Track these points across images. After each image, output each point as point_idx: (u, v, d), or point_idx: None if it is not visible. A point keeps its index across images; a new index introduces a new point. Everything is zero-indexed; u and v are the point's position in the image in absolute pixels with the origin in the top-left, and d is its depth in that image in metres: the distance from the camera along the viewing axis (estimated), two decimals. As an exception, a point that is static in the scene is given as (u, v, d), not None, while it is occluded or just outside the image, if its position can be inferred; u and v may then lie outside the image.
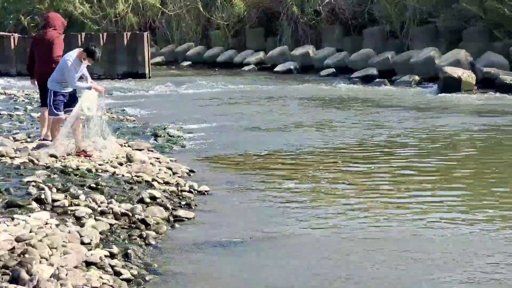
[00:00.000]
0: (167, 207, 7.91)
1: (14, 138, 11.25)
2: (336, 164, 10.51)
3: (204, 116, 16.08)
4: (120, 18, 37.49)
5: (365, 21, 28.88)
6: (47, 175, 8.46)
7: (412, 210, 7.90)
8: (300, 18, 30.40)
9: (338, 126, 14.19)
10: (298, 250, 6.60)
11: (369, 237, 6.93)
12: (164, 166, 9.92)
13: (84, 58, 9.79)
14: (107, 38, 27.79)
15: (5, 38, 29.60)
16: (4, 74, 28.57)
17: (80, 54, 9.80)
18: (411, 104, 17.85)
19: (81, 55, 9.79)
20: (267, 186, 9.17)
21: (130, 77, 26.77)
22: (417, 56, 23.74)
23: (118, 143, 11.22)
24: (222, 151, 11.72)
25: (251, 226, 7.39)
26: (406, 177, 9.56)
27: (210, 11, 34.58)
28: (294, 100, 19.13)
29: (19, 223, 6.27)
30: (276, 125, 14.42)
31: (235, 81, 24.93)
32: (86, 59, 9.81)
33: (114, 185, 8.51)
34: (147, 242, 6.76)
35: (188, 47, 35.20)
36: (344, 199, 8.42)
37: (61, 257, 5.69)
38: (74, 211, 7.11)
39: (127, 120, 15.24)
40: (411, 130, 13.46)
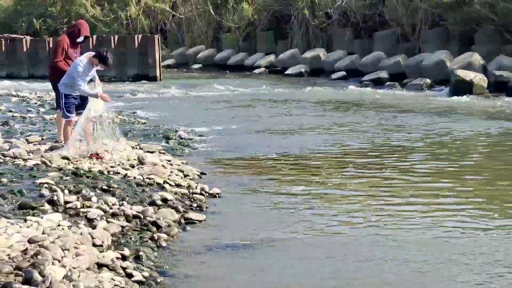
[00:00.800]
0: (179, 210, 7.93)
1: (27, 140, 11.30)
2: (347, 167, 10.50)
3: (215, 118, 16.10)
4: (131, 20, 37.58)
5: (376, 24, 28.85)
6: (60, 177, 8.51)
7: (423, 214, 7.88)
8: (311, 21, 30.39)
9: (349, 129, 14.18)
10: (308, 253, 6.60)
11: (379, 241, 6.92)
12: (175, 168, 9.94)
13: (96, 63, 9.81)
14: (118, 40, 27.88)
15: (17, 41, 29.74)
16: (16, 77, 28.69)
17: (91, 59, 9.80)
18: (422, 107, 17.82)
19: (93, 60, 9.79)
20: (278, 189, 9.18)
21: (141, 79, 26.82)
22: (428, 59, 23.69)
23: (130, 145, 11.25)
24: (233, 153, 11.74)
25: (261, 228, 7.40)
26: (417, 181, 9.53)
27: (220, 14, 34.63)
28: (304, 103, 19.13)
29: (32, 225, 6.31)
30: (287, 128, 14.42)
31: (245, 84, 24.94)
32: (98, 65, 9.82)
33: (126, 187, 8.54)
34: (158, 244, 6.78)
35: (198, 50, 35.27)
36: (355, 203, 8.41)
37: (73, 259, 5.72)
38: (86, 213, 7.15)
39: (138, 123, 15.27)
40: (423, 134, 13.43)
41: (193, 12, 35.73)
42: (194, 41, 36.02)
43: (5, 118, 14.66)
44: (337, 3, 29.56)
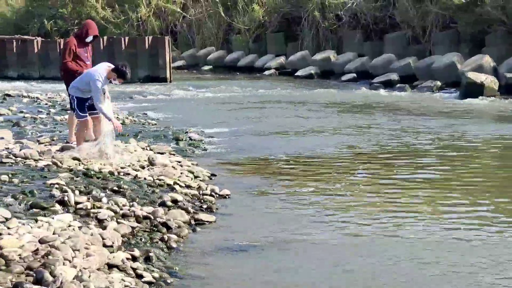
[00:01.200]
0: (189, 211, 7.95)
1: (38, 140, 11.35)
2: (357, 169, 10.49)
3: (225, 120, 16.12)
4: (141, 22, 37.66)
5: (387, 26, 28.82)
6: (70, 177, 8.53)
7: (436, 216, 7.87)
8: (322, 23, 30.37)
9: (359, 131, 14.17)
10: (319, 255, 6.60)
11: (391, 243, 6.91)
12: (185, 169, 9.96)
13: (114, 78, 9.82)
14: (128, 42, 27.94)
15: (28, 42, 29.85)
16: (27, 78, 28.81)
17: (110, 74, 9.79)
18: (433, 110, 17.78)
19: (111, 75, 9.79)
20: (288, 190, 9.18)
21: (151, 81, 26.87)
22: (439, 61, 23.64)
23: (140, 146, 11.28)
24: (243, 155, 11.74)
25: (271, 230, 7.40)
26: (429, 184, 9.51)
27: (231, 15, 34.66)
28: (314, 105, 19.12)
29: (43, 225, 6.33)
30: (297, 130, 14.42)
31: (255, 86, 24.95)
32: (116, 79, 9.84)
33: (136, 188, 8.56)
34: (168, 245, 6.79)
35: (209, 51, 35.31)
36: (365, 204, 8.40)
37: (84, 259, 5.73)
38: (97, 213, 7.17)
39: (148, 124, 15.30)
40: (434, 136, 13.40)
41: (203, 13, 35.78)
42: (204, 42, 36.06)
43: (16, 119, 14.72)
44: (347, 5, 29.54)
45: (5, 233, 5.94)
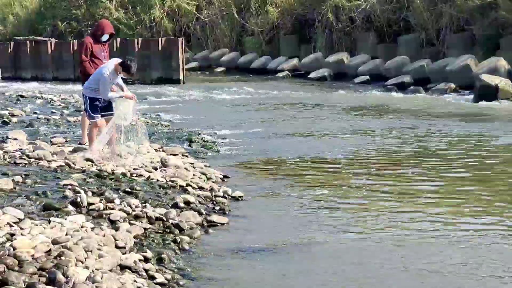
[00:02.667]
0: (201, 212, 7.94)
1: (51, 141, 11.38)
2: (370, 171, 10.45)
3: (237, 122, 16.11)
4: (155, 23, 37.72)
5: (400, 29, 28.72)
6: (83, 178, 8.54)
7: (447, 219, 7.83)
8: (335, 25, 30.32)
9: (372, 133, 14.12)
10: (331, 257, 6.58)
11: (403, 245, 6.88)
12: (198, 171, 9.95)
13: (120, 71, 9.86)
14: (142, 43, 28.00)
15: (42, 44, 29.96)
16: (40, 79, 28.93)
17: (116, 67, 9.86)
18: (446, 112, 17.70)
19: (118, 68, 9.85)
20: (301, 192, 9.15)
21: (165, 82, 26.90)
22: (453, 64, 23.54)
23: (153, 148, 11.29)
24: (255, 157, 11.73)
25: (284, 232, 7.38)
26: (444, 186, 9.46)
27: (244, 17, 34.66)
28: (327, 107, 19.09)
29: (56, 226, 6.34)
30: (310, 132, 14.39)
31: (268, 88, 24.94)
32: (121, 73, 9.88)
33: (149, 189, 8.57)
34: (181, 247, 6.79)
35: (222, 53, 35.32)
36: (378, 206, 8.37)
37: (96, 260, 5.74)
38: (109, 214, 7.17)
39: (161, 125, 15.32)
40: (448, 139, 13.34)
41: (216, 15, 35.79)
42: (217, 44, 36.07)
43: (29, 120, 14.77)
44: (361, 7, 29.46)
45: (19, 234, 5.95)
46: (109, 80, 9.84)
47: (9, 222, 6.24)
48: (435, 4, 26.87)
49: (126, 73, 9.87)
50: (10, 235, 5.92)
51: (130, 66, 9.79)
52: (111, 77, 9.85)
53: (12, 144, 10.70)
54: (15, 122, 14.43)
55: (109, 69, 9.86)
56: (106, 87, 9.86)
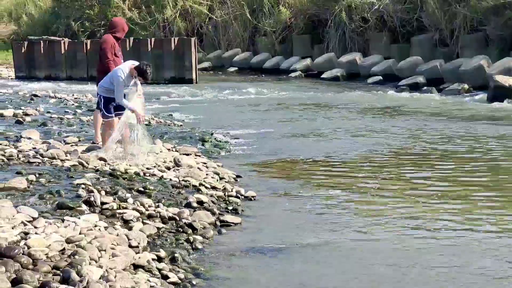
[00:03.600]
0: (214, 212, 7.95)
1: (64, 141, 11.41)
2: (383, 172, 10.42)
3: (250, 122, 16.12)
4: (168, 23, 37.78)
5: (414, 29, 28.64)
6: (96, 178, 8.56)
7: (460, 221, 7.80)
8: (348, 25, 30.27)
9: (385, 134, 14.08)
10: (344, 257, 6.57)
11: (418, 247, 6.86)
12: (211, 171, 9.97)
13: (135, 75, 9.86)
14: (154, 43, 28.03)
15: (55, 43, 30.06)
16: (54, 78, 29.02)
17: (132, 70, 9.86)
18: (460, 113, 17.64)
19: (133, 72, 9.85)
20: (314, 193, 9.14)
21: (177, 82, 26.93)
22: (466, 64, 23.44)
23: (166, 147, 11.31)
24: (268, 157, 11.73)
25: (297, 232, 7.38)
26: (457, 187, 9.43)
27: (257, 17, 34.66)
28: (340, 108, 19.06)
29: (69, 225, 6.36)
30: (323, 132, 14.38)
31: (281, 88, 24.93)
32: (136, 77, 9.88)
33: (162, 189, 8.58)
34: (194, 247, 6.80)
35: (234, 53, 35.33)
36: (391, 207, 8.35)
37: (110, 259, 5.75)
38: (122, 214, 7.19)
39: (174, 125, 15.34)
40: (461, 139, 13.29)
41: (229, 15, 35.80)
42: (230, 44, 36.09)
43: (43, 119, 14.82)
44: (374, 7, 29.41)
45: (33, 233, 5.98)
46: (124, 83, 9.84)
47: (23, 221, 6.27)
48: (449, 4, 26.77)
49: (141, 78, 9.88)
50: (24, 234, 5.94)
51: (146, 72, 9.80)
52: (126, 80, 9.85)
53: (26, 143, 10.74)
54: (29, 121, 14.47)
55: (125, 73, 9.85)
56: (120, 91, 9.85)
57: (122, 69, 9.93)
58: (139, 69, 9.80)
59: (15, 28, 48.64)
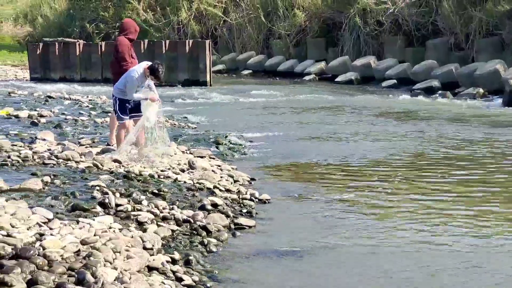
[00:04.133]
0: (228, 215, 7.95)
1: (79, 142, 11.44)
2: (397, 175, 10.39)
3: (264, 124, 16.11)
4: (182, 26, 37.84)
5: (429, 32, 28.56)
6: (111, 180, 8.58)
7: (475, 224, 7.76)
8: (363, 29, 30.22)
9: (399, 137, 14.04)
10: (357, 261, 6.55)
11: (430, 251, 6.83)
12: (225, 173, 9.97)
13: (147, 75, 9.91)
14: (169, 45, 28.08)
15: (70, 45, 30.17)
16: (68, 80, 29.13)
17: (145, 70, 9.92)
18: (474, 117, 17.56)
19: (147, 71, 9.92)
20: (328, 196, 9.13)
21: (191, 84, 26.96)
22: (482, 68, 23.34)
23: (180, 150, 11.32)
24: (282, 159, 11.72)
25: (311, 235, 7.37)
26: (471, 192, 9.38)
27: (271, 20, 34.66)
28: (354, 111, 19.03)
29: (84, 226, 6.37)
30: (337, 135, 14.35)
31: (295, 91, 24.91)
32: (149, 77, 9.93)
33: (176, 191, 8.59)
34: (208, 249, 6.80)
35: (249, 55, 35.34)
36: (405, 211, 8.32)
37: (124, 261, 5.76)
38: (137, 216, 7.21)
39: (188, 127, 15.35)
40: (475, 144, 13.23)
41: (244, 18, 35.82)
42: (244, 47, 36.12)
43: (58, 121, 14.87)
44: (389, 11, 29.35)
45: (48, 234, 5.99)
46: (136, 82, 9.90)
47: (38, 222, 6.29)
48: (464, 8, 26.68)
49: (153, 77, 9.92)
50: (39, 235, 5.96)
51: (157, 70, 9.84)
52: (140, 79, 9.92)
53: (41, 145, 10.78)
54: (44, 123, 14.52)
55: (139, 72, 9.92)
56: (132, 88, 9.94)
57: (136, 69, 10.01)
58: (151, 67, 9.86)
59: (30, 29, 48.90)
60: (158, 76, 9.91)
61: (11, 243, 5.62)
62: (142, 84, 9.98)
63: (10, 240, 5.69)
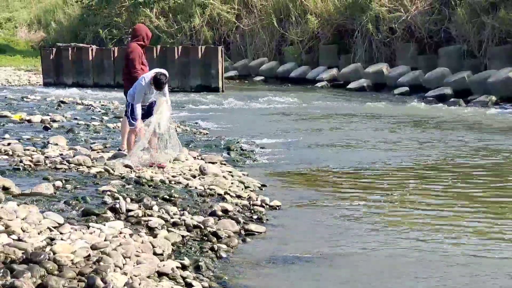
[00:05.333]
0: (239, 221, 7.95)
1: (91, 147, 11.48)
2: (408, 183, 10.36)
3: (276, 131, 16.11)
4: (195, 32, 37.91)
5: (441, 40, 28.49)
6: (122, 185, 8.60)
7: (487, 233, 7.73)
8: (375, 36, 30.19)
9: (410, 145, 14.00)
10: (368, 268, 6.53)
11: (442, 258, 6.81)
12: (236, 179, 9.98)
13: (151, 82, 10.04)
14: (181, 51, 28.14)
15: (83, 50, 30.29)
16: (81, 85, 29.24)
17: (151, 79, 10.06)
18: (487, 125, 17.49)
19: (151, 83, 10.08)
20: (338, 203, 9.11)
21: (203, 90, 27.01)
22: (495, 76, 23.27)
23: (191, 155, 11.33)
24: (293, 166, 11.71)
25: (321, 242, 7.36)
26: (484, 200, 9.34)
27: (284, 26, 34.67)
28: (366, 118, 19.00)
29: (95, 231, 6.39)
30: (349, 142, 14.33)
31: (307, 97, 24.90)
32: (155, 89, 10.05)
33: (187, 197, 8.60)
34: (218, 255, 6.80)
35: (261, 62, 35.34)
36: (417, 219, 8.29)
37: (134, 267, 5.77)
38: (147, 221, 7.22)
39: (200, 133, 15.37)
40: (488, 152, 13.17)
41: (256, 24, 35.84)
42: (257, 53, 36.12)
43: (70, 126, 14.93)
44: (401, 18, 29.31)
45: (58, 239, 6.01)
46: (143, 89, 10.03)
47: (49, 226, 6.31)
48: (477, 16, 26.61)
49: (154, 87, 10.03)
50: (50, 240, 5.98)
51: (158, 81, 9.99)
52: (147, 86, 10.04)
53: (53, 149, 10.83)
54: (56, 127, 14.59)
55: (147, 78, 10.03)
56: (139, 94, 10.08)
57: (145, 76, 10.10)
58: (154, 78, 9.98)
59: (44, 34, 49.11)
60: (158, 87, 10.02)
61: (22, 247, 5.65)
62: (151, 91, 10.06)
63: (21, 244, 5.72)
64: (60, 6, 48.32)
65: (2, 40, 49.00)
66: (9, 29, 51.83)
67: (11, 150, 10.57)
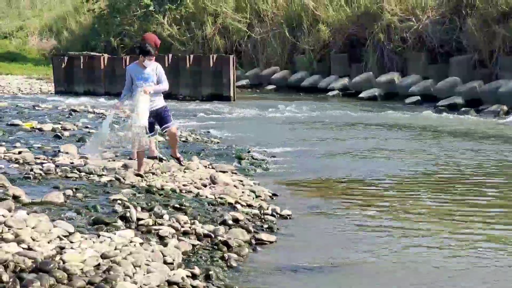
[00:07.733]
0: (250, 230, 7.93)
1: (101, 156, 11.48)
2: (419, 192, 10.33)
3: (287, 140, 16.08)
4: (207, 40, 37.97)
5: (452, 49, 28.43)
6: (133, 194, 8.60)
7: (500, 243, 7.68)
8: (386, 45, 30.15)
9: (423, 155, 13.96)
10: (379, 277, 6.51)
11: (452, 267, 6.77)
12: (247, 188, 9.96)
13: (143, 59, 10.05)
14: (193, 59, 28.16)
15: (95, 59, 30.37)
16: (92, 93, 29.29)
17: (139, 61, 10.10)
18: (499, 135, 17.43)
19: (141, 60, 10.07)
20: (349, 212, 9.08)
21: (215, 99, 27.00)
22: (506, 86, 23.21)
23: (202, 164, 11.32)
24: (304, 175, 11.68)
25: (333, 252, 7.34)
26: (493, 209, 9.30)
27: (295, 35, 34.67)
28: (378, 127, 18.95)
29: (105, 240, 6.38)
30: (359, 152, 14.29)
31: (319, 106, 24.87)
32: (145, 59, 10.04)
33: (198, 206, 8.58)
34: (228, 264, 6.78)
35: (273, 71, 35.33)
36: (430, 228, 8.25)
37: (145, 276, 5.76)
38: (158, 230, 7.20)
39: (211, 142, 15.36)
40: (498, 162, 13.12)
41: (268, 33, 35.86)
42: (268, 62, 36.12)
43: (81, 134, 14.94)
44: (413, 27, 29.27)
45: (68, 247, 6.01)
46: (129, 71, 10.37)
47: (59, 235, 6.30)
48: (488, 26, 26.55)
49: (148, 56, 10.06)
50: (60, 248, 5.97)
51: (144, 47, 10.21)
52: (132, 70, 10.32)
53: (63, 158, 10.84)
54: (67, 136, 14.60)
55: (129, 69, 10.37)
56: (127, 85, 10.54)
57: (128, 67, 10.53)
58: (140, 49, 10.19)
59: (55, 43, 49.29)
60: (148, 50, 10.01)
61: (32, 256, 5.64)
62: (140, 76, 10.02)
63: (30, 253, 5.71)
64: (71, 15, 48.50)
65: (13, 48, 49.22)
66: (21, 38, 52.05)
67: (21, 159, 10.59)
